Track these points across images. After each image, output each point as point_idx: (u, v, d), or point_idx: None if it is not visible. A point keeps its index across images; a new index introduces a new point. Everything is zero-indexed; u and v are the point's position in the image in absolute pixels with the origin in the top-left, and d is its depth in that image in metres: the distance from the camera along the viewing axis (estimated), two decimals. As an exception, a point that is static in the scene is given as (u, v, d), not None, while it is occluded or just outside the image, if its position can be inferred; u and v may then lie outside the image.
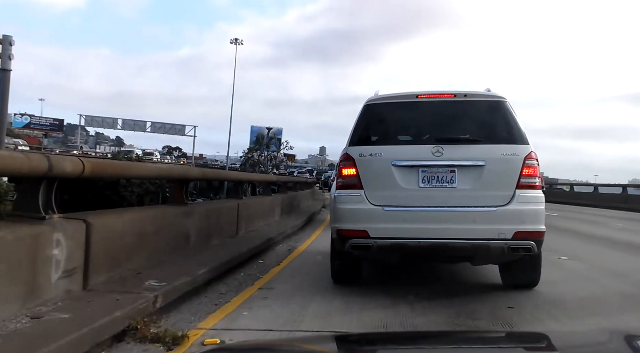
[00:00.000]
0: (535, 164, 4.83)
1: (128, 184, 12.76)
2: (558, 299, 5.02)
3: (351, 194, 4.92)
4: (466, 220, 4.70)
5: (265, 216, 10.62)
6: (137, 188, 13.06)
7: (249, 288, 5.35)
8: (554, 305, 4.80)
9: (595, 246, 9.74)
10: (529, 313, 4.56)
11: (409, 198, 4.80)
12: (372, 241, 4.75)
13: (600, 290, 5.59)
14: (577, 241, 10.39)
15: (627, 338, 1.69)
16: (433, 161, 4.80)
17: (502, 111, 5.02)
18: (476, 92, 5.30)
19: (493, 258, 5.10)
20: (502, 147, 4.84)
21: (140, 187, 12.75)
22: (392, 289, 5.23)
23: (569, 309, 4.69)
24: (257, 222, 9.84)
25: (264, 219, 10.50)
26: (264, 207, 10.90)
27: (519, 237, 4.63)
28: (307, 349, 1.90)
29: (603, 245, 9.84)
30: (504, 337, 2.50)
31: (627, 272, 6.59)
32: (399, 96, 5.36)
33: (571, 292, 5.40)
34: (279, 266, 6.70)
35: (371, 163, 4.91)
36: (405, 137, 5.30)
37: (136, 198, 13.25)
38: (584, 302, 5.02)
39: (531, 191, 4.77)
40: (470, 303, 4.80)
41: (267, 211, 11.10)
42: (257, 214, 10.08)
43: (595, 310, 4.76)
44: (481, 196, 4.74)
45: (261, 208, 10.64)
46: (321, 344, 2.05)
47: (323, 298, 4.91)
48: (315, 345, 2.01)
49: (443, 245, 4.69)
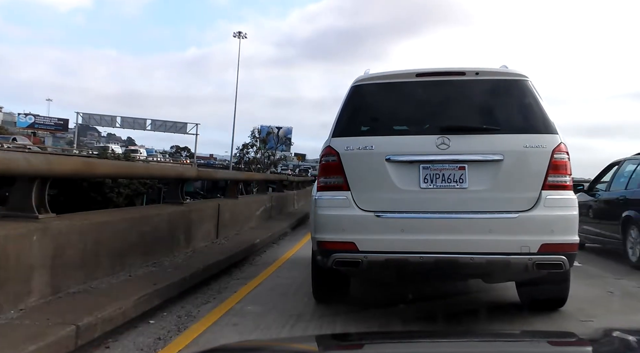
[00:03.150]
0: (566, 159, 3.85)
1: (115, 185, 11.97)
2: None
3: (335, 197, 3.95)
4: (480, 230, 3.73)
5: (249, 219, 9.61)
6: (125, 188, 12.18)
7: (216, 310, 4.39)
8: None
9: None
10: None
11: (407, 201, 3.85)
12: (362, 255, 3.80)
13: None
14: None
15: (627, 338, 1.65)
16: (437, 156, 3.84)
17: (524, 92, 4.03)
18: (491, 69, 4.29)
19: (513, 276, 4.13)
20: (524, 137, 3.86)
21: (128, 188, 11.86)
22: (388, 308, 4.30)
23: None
24: (242, 225, 8.88)
25: (249, 221, 9.52)
26: (249, 208, 9.89)
27: (546, 251, 3.67)
28: (307, 349, 1.83)
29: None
30: (519, 334, 2.43)
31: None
32: (395, 75, 4.34)
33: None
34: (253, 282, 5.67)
35: (360, 159, 3.95)
36: (403, 126, 4.27)
37: (124, 199, 12.37)
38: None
39: (561, 193, 3.80)
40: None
41: (252, 213, 10.05)
42: (243, 217, 9.11)
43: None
44: (498, 200, 3.78)
45: (247, 209, 9.64)
46: (321, 344, 1.90)
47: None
48: (315, 345, 1.90)
49: (451, 261, 3.73)
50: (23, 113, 65.73)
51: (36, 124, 65.24)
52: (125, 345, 3.49)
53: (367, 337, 2.36)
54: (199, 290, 5.03)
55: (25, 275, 3.50)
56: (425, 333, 2.65)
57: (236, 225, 8.54)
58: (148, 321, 4.00)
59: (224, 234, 7.72)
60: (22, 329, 3.09)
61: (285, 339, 3.10)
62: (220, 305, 4.57)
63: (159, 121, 59.87)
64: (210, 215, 7.32)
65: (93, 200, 11.68)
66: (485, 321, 4.09)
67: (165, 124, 59.62)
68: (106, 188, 11.73)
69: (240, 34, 53.97)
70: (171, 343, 3.57)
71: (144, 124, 59.30)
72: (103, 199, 11.43)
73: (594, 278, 6.16)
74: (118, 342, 3.51)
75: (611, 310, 4.79)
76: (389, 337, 2.13)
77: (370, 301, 4.78)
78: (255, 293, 5.10)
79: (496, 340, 1.83)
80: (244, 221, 9.13)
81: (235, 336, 3.68)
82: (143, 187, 19.35)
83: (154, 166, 5.82)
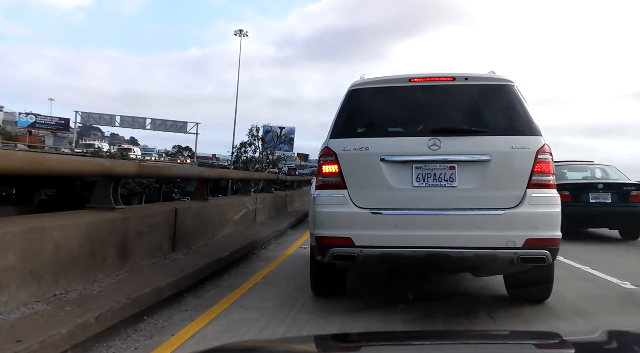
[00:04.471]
0: (549, 159, 4.10)
1: None
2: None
3: (333, 195, 4.20)
4: (469, 226, 3.98)
5: (223, 225, 8.15)
6: (121, 188, 12.16)
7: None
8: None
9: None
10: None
11: (401, 199, 4.09)
12: (358, 250, 4.04)
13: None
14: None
15: (627, 338, 1.67)
16: (429, 156, 4.09)
17: (510, 96, 4.28)
18: (479, 74, 4.54)
19: (500, 269, 4.38)
20: (510, 139, 4.11)
21: (124, 187, 11.84)
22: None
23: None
24: (213, 233, 7.55)
25: (223, 228, 8.12)
26: (223, 212, 8.31)
27: (530, 245, 3.91)
28: (306, 350, 1.86)
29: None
30: (511, 335, 2.42)
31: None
32: (389, 79, 4.60)
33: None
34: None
35: (356, 159, 4.19)
36: (396, 128, 4.53)
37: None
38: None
39: (545, 191, 4.05)
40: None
41: (228, 217, 8.53)
42: (214, 223, 7.67)
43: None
44: (486, 197, 4.02)
45: (220, 213, 8.08)
46: (320, 345, 1.93)
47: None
48: (314, 346, 1.93)
49: (441, 255, 3.97)
50: (24, 113, 65.37)
51: (37, 124, 64.69)
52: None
53: (365, 337, 2.40)
54: (110, 338, 3.56)
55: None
56: (418, 334, 2.76)
57: (204, 234, 7.16)
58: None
59: (185, 245, 6.31)
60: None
61: (284, 339, 3.14)
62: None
63: (158, 120, 59.71)
64: (163, 223, 5.83)
65: (87, 200, 11.43)
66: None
67: (165, 123, 59.42)
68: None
69: (241, 31, 55.24)
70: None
71: (144, 123, 59.11)
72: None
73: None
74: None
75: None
76: (387, 338, 2.16)
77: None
78: (199, 338, 3.70)
79: (487, 342, 1.88)
80: (216, 228, 7.74)
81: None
82: (139, 186, 19.26)
83: (62, 159, 4.43)
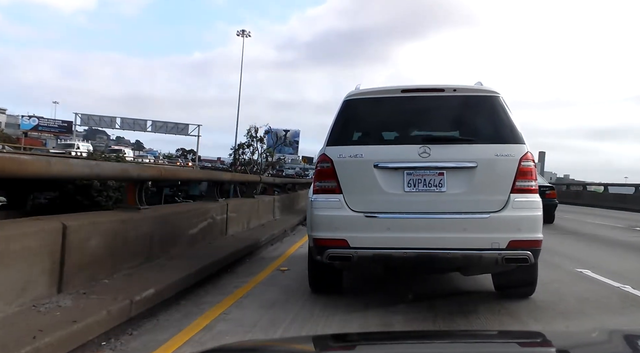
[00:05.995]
0: (531, 166, 4.39)
1: (103, 189, 11.48)
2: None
3: (329, 199, 4.48)
4: (456, 228, 4.26)
5: (168, 244, 5.89)
6: (115, 192, 11.74)
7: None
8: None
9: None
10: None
11: (393, 203, 4.37)
12: (353, 251, 4.32)
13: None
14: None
15: (627, 338, 1.65)
16: (419, 163, 4.37)
17: (495, 107, 4.56)
18: (467, 86, 4.83)
19: (486, 269, 4.65)
20: (495, 147, 4.39)
21: (118, 191, 11.59)
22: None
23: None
24: (147, 256, 5.29)
25: (172, 246, 5.98)
26: (168, 227, 5.98)
27: (514, 246, 4.19)
28: (305, 350, 1.85)
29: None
30: (497, 335, 2.45)
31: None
32: (382, 90, 4.89)
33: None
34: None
35: (351, 165, 4.47)
36: (389, 136, 4.84)
37: (114, 203, 11.71)
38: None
39: (528, 196, 4.33)
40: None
41: (181, 232, 6.34)
42: (148, 243, 5.34)
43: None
44: (473, 202, 4.30)
45: (160, 228, 5.68)
46: (319, 345, 1.94)
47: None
48: (312, 346, 1.93)
49: (431, 256, 4.25)
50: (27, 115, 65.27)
51: (40, 127, 64.09)
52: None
53: (364, 337, 2.42)
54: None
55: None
56: (415, 334, 2.82)
57: (132, 258, 4.96)
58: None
59: (81, 281, 4.08)
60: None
61: (284, 339, 3.18)
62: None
63: (159, 122, 59.46)
64: (38, 250, 3.64)
65: (79, 203, 10.50)
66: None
67: (166, 126, 59.16)
68: (94, 191, 10.78)
69: (243, 32, 56.18)
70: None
71: (145, 126, 58.85)
72: (91, 203, 10.38)
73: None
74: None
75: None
76: (384, 338, 2.19)
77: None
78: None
79: (474, 341, 1.92)
80: (153, 249, 5.40)
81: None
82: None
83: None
